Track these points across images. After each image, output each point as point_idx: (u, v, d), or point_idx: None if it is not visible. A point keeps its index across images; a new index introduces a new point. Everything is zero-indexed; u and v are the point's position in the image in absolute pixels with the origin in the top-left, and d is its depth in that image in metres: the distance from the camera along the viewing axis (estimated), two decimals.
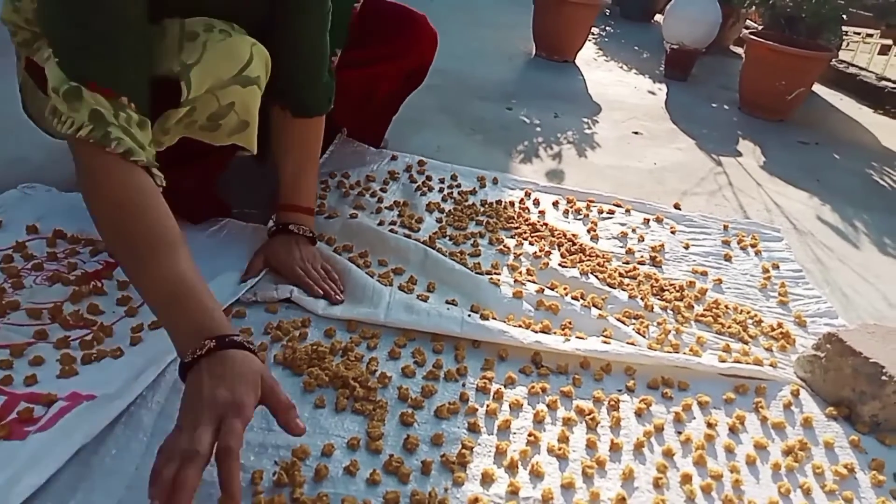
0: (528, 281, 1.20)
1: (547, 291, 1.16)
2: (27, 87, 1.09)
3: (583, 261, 1.30)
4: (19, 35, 1.02)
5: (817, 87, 3.16)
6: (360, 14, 1.31)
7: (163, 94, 0.88)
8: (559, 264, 1.27)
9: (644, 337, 1.10)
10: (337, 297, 1.04)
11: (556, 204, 1.55)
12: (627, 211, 1.57)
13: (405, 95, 1.58)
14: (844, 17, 2.60)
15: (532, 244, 1.34)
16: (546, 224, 1.43)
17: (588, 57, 3.17)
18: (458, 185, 1.55)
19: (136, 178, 0.80)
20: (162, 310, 0.76)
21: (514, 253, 1.29)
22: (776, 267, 1.42)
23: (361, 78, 1.24)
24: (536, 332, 1.06)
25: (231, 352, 0.70)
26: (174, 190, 0.86)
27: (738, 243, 1.51)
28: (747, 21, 3.92)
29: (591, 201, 1.58)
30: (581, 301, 1.16)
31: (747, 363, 1.07)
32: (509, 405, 0.91)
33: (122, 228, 0.78)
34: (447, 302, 1.10)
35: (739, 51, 3.65)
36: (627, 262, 1.34)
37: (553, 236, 1.38)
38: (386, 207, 1.39)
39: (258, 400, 0.69)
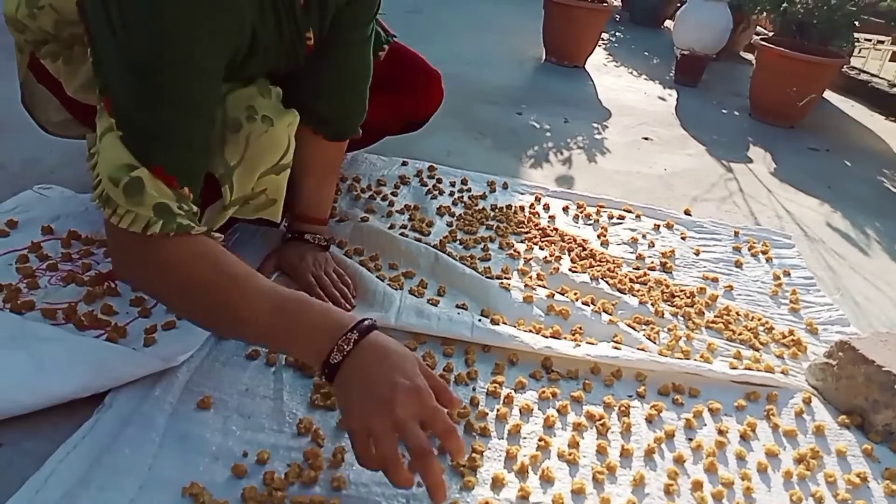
0: (539, 286, 1.20)
1: (557, 296, 1.16)
2: (28, 81, 1.10)
3: (593, 266, 1.30)
4: (28, 34, 1.02)
5: (828, 94, 3.14)
6: (383, 59, 1.29)
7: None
8: (569, 269, 1.27)
9: (654, 343, 1.10)
10: (346, 305, 1.05)
11: (566, 209, 1.55)
12: (638, 216, 1.57)
13: (392, 134, 1.53)
14: (856, 23, 2.59)
15: (542, 249, 1.34)
16: (556, 229, 1.44)
17: (598, 62, 3.17)
18: (469, 190, 1.55)
19: (195, 240, 0.77)
20: (273, 327, 0.72)
21: (525, 258, 1.29)
22: (787, 274, 1.42)
23: (365, 123, 1.22)
24: (547, 337, 1.06)
25: (377, 334, 0.69)
26: None
27: (749, 250, 1.50)
28: (758, 27, 3.90)
29: (601, 206, 1.58)
30: (591, 306, 1.15)
31: (758, 370, 1.06)
32: (520, 410, 0.91)
33: (200, 279, 0.75)
34: (457, 306, 1.10)
35: (750, 57, 3.64)
36: (638, 268, 1.34)
37: (563, 241, 1.38)
38: (397, 211, 1.40)
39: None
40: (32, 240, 1.06)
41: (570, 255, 1.34)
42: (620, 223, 1.53)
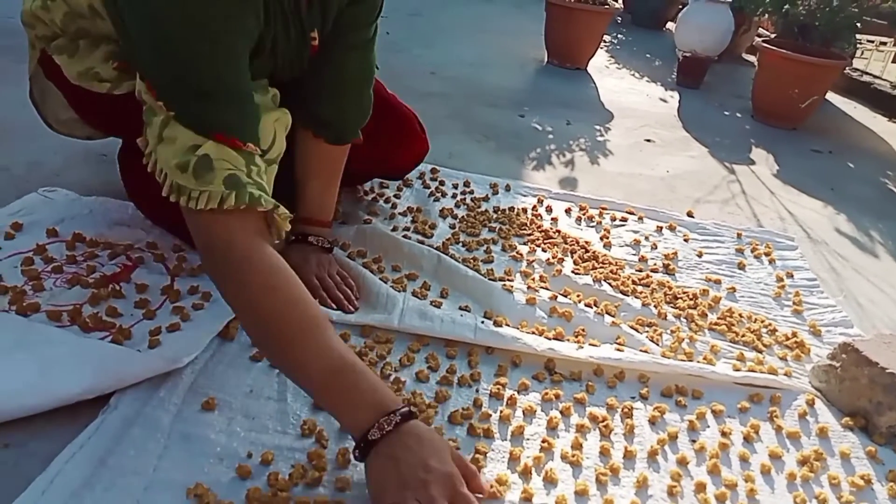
0: (542, 287, 1.20)
1: (560, 298, 1.16)
2: (37, 75, 1.11)
3: (596, 268, 1.30)
4: (39, 29, 1.03)
5: (831, 96, 3.14)
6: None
7: None
8: (572, 271, 1.27)
9: (657, 345, 1.10)
10: (349, 308, 1.05)
11: (568, 211, 1.55)
12: (640, 218, 1.57)
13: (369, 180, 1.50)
14: (858, 24, 2.59)
15: (545, 251, 1.34)
16: (559, 231, 1.44)
17: (600, 64, 3.17)
18: (471, 192, 1.56)
19: (277, 261, 0.78)
20: (324, 386, 0.73)
21: (527, 259, 1.30)
22: (790, 276, 1.42)
23: (347, 168, 1.21)
24: (550, 338, 1.06)
25: (417, 423, 0.71)
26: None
27: (752, 252, 1.50)
28: (760, 29, 3.90)
29: (603, 208, 1.58)
30: (594, 308, 1.16)
31: (762, 372, 1.06)
32: (523, 411, 0.91)
33: (275, 313, 0.75)
34: (460, 308, 1.11)
35: (752, 59, 3.64)
36: (640, 270, 1.34)
37: (566, 243, 1.38)
38: (399, 213, 1.40)
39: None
40: (37, 242, 1.07)
41: (572, 257, 1.34)
42: (623, 225, 1.53)
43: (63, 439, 0.74)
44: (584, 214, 1.54)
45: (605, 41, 3.58)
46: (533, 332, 1.07)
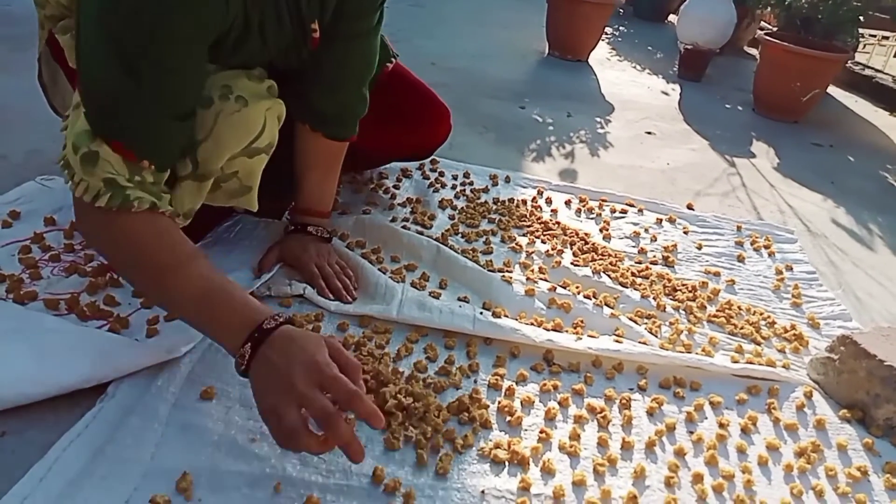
0: (541, 279, 1.20)
1: (559, 290, 1.16)
2: (45, 56, 1.09)
3: (595, 260, 1.30)
4: (48, 9, 1.02)
5: (832, 89, 3.13)
6: (389, 75, 1.26)
7: None
8: (571, 263, 1.27)
9: (656, 336, 1.10)
10: (348, 298, 1.05)
11: (568, 203, 1.55)
12: (640, 210, 1.57)
13: (396, 160, 1.52)
14: (861, 18, 2.58)
15: (544, 242, 1.34)
16: (558, 223, 1.43)
17: (601, 56, 3.16)
18: (471, 183, 1.55)
19: (153, 217, 0.80)
20: (198, 312, 0.76)
21: (527, 251, 1.29)
22: (789, 269, 1.42)
23: (370, 149, 1.21)
24: (548, 330, 1.06)
25: (288, 328, 0.72)
26: None
27: (752, 244, 1.50)
28: (762, 22, 3.89)
29: (603, 200, 1.58)
30: (593, 300, 1.15)
31: (760, 364, 1.06)
32: (521, 402, 0.91)
33: (141, 256, 0.79)
34: (459, 299, 1.11)
35: (754, 52, 3.63)
36: (640, 262, 1.34)
37: (565, 235, 1.38)
38: (399, 204, 1.40)
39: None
40: (35, 231, 1.06)
41: (572, 248, 1.33)
42: (623, 217, 1.53)
43: (61, 428, 0.74)
44: (583, 206, 1.54)
45: (606, 33, 3.57)
46: (532, 324, 1.07)
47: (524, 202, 1.50)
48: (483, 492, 0.76)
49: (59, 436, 0.73)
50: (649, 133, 2.23)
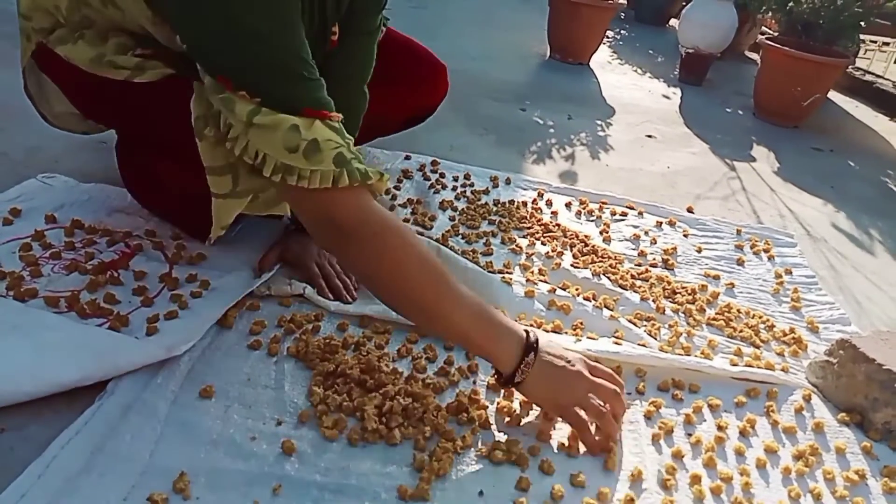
0: (541, 281, 1.20)
1: (559, 291, 1.16)
2: (30, 68, 1.08)
3: (595, 262, 1.30)
4: (36, 20, 1.01)
5: (833, 94, 3.14)
6: (383, 38, 1.23)
7: None
8: (571, 265, 1.27)
9: (655, 339, 1.10)
10: (348, 297, 1.05)
11: (568, 205, 1.55)
12: (640, 213, 1.57)
13: (395, 130, 1.52)
14: (862, 24, 2.59)
15: (544, 244, 1.34)
16: (558, 225, 1.44)
17: (602, 60, 3.16)
18: (472, 185, 1.55)
19: (395, 218, 0.85)
20: (472, 331, 0.84)
21: (527, 253, 1.30)
22: (789, 272, 1.42)
23: (370, 113, 1.19)
24: (548, 331, 1.06)
25: (544, 342, 0.86)
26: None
27: (752, 248, 1.50)
28: (763, 27, 3.89)
29: (603, 203, 1.58)
30: (593, 302, 1.16)
31: (759, 367, 1.06)
32: (520, 403, 0.91)
33: (413, 270, 0.82)
34: None
35: (755, 56, 3.63)
36: (640, 265, 1.34)
37: (565, 237, 1.38)
38: (399, 205, 1.40)
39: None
40: (36, 228, 1.06)
41: (572, 250, 1.34)
42: (623, 220, 1.53)
43: (60, 424, 0.74)
44: (584, 209, 1.54)
45: (607, 37, 3.57)
46: (531, 325, 1.07)
47: (524, 204, 1.50)
48: (481, 492, 0.76)
49: (59, 433, 0.73)
50: (650, 136, 2.24)
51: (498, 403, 0.90)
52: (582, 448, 0.85)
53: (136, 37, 0.97)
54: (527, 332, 0.85)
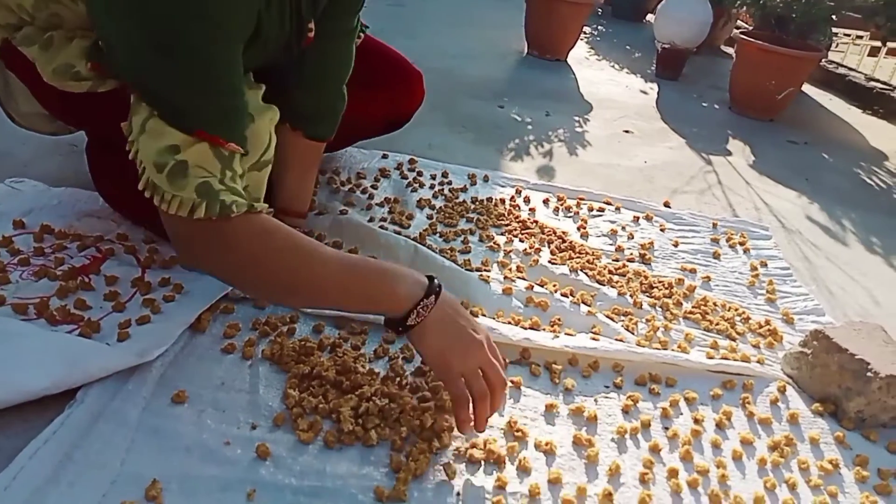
0: (518, 278, 1.20)
1: (536, 288, 1.16)
2: None
3: (572, 258, 1.30)
4: (2, 16, 0.98)
5: (807, 88, 3.18)
6: (360, 45, 1.24)
7: None
8: (549, 261, 1.27)
9: (633, 334, 1.11)
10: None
11: (546, 201, 1.55)
12: (617, 209, 1.58)
13: (373, 135, 1.52)
14: (834, 17, 2.62)
15: (522, 241, 1.34)
16: (536, 221, 1.44)
17: (580, 56, 3.18)
18: (449, 183, 1.55)
19: (258, 221, 0.80)
20: (346, 286, 0.79)
21: (505, 250, 1.30)
22: (764, 265, 1.43)
23: (345, 119, 1.18)
24: (525, 328, 1.06)
25: (446, 293, 0.81)
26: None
27: (727, 241, 1.51)
28: (738, 21, 3.93)
29: (581, 199, 1.59)
30: (570, 298, 1.16)
31: (735, 360, 1.07)
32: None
33: (268, 253, 0.78)
34: None
35: (730, 51, 3.66)
36: (617, 260, 1.35)
37: (543, 233, 1.38)
38: (376, 204, 1.39)
39: None
40: (3, 234, 1.04)
41: (549, 247, 1.34)
42: (600, 215, 1.54)
43: (29, 434, 0.73)
44: (561, 205, 1.55)
45: (585, 33, 3.59)
46: (509, 322, 1.07)
47: (502, 201, 1.50)
48: (458, 493, 0.76)
49: (28, 443, 0.71)
50: (627, 132, 2.25)
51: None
52: (558, 446, 0.85)
53: None
54: (431, 277, 0.81)
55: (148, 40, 0.73)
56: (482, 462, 0.81)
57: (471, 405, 0.78)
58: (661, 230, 1.51)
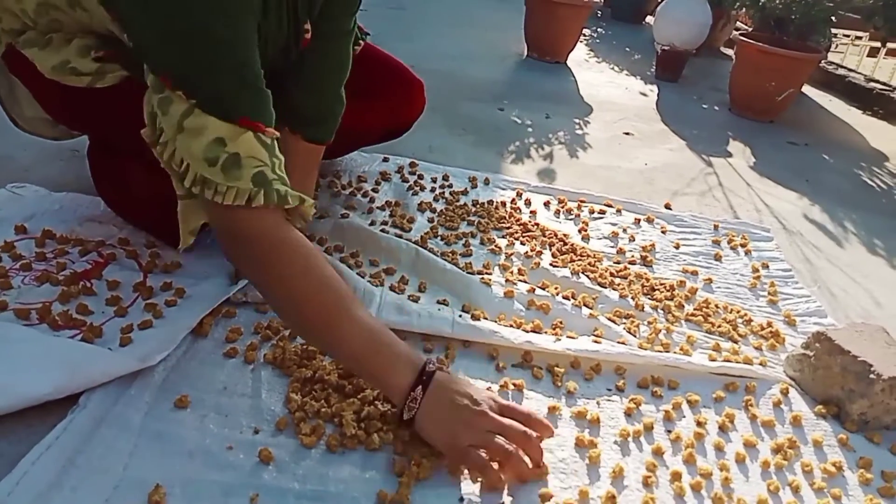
0: (520, 280, 1.20)
1: (538, 291, 1.16)
2: (2, 70, 1.07)
3: (574, 260, 1.30)
4: (5, 22, 1.00)
5: (807, 89, 3.18)
6: (360, 53, 1.25)
7: None
8: (550, 264, 1.27)
9: (635, 336, 1.10)
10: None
11: (547, 204, 1.55)
12: (618, 211, 1.58)
13: (372, 143, 1.53)
14: (833, 18, 2.62)
15: (523, 244, 1.34)
16: (537, 224, 1.44)
17: (579, 58, 3.18)
18: (450, 186, 1.55)
19: (305, 244, 0.81)
20: (363, 358, 0.80)
21: (506, 253, 1.30)
22: (766, 266, 1.43)
23: (344, 127, 1.18)
24: (527, 331, 1.06)
25: (441, 372, 0.80)
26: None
27: (729, 243, 1.51)
28: (737, 22, 3.94)
29: (582, 201, 1.59)
30: (572, 300, 1.16)
31: (737, 362, 1.07)
32: None
33: (310, 295, 0.80)
34: (438, 302, 1.10)
35: (730, 52, 3.67)
36: (618, 262, 1.35)
37: (544, 236, 1.39)
38: (377, 207, 1.39)
39: None
40: (5, 239, 1.04)
41: (551, 249, 1.34)
42: (601, 218, 1.54)
43: (32, 440, 0.73)
44: (562, 207, 1.55)
45: (584, 35, 3.59)
46: (511, 325, 1.07)
47: (503, 204, 1.50)
48: (461, 497, 0.76)
49: (31, 448, 0.71)
50: (627, 134, 2.25)
51: None
52: (560, 449, 0.85)
53: (102, 38, 0.97)
54: (426, 363, 0.79)
55: (183, 33, 0.74)
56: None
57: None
58: (663, 232, 1.51)
